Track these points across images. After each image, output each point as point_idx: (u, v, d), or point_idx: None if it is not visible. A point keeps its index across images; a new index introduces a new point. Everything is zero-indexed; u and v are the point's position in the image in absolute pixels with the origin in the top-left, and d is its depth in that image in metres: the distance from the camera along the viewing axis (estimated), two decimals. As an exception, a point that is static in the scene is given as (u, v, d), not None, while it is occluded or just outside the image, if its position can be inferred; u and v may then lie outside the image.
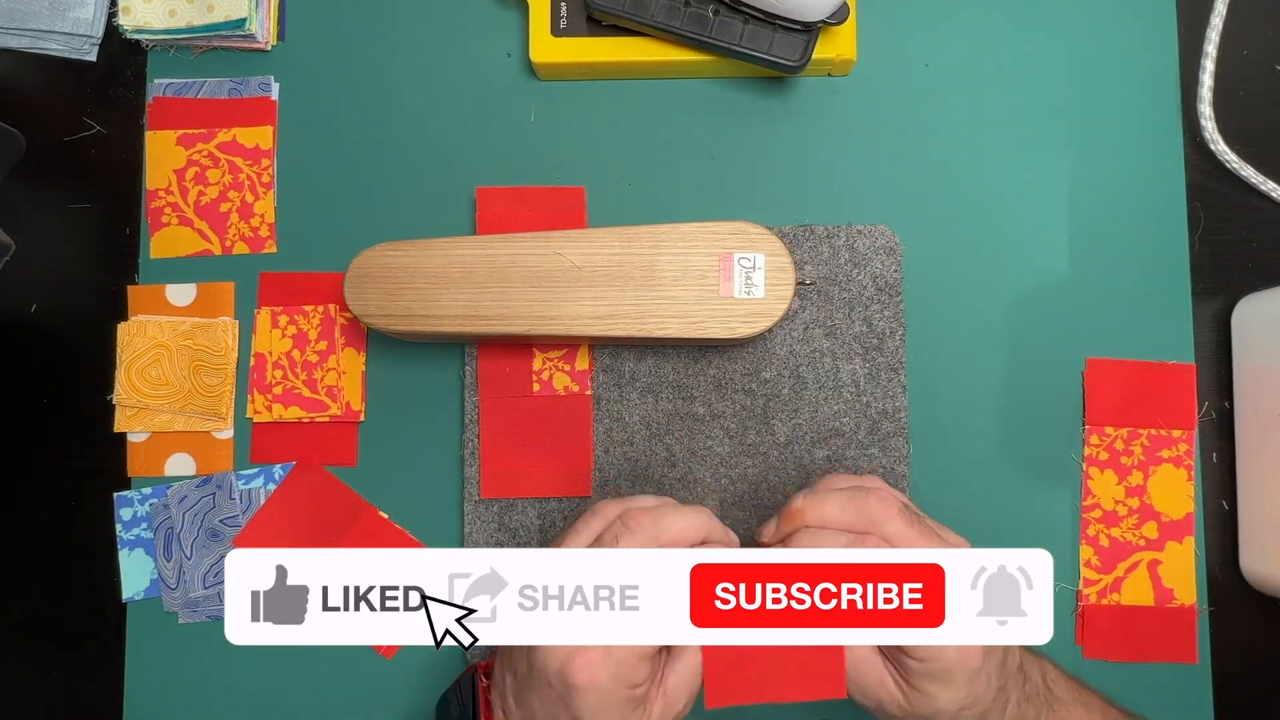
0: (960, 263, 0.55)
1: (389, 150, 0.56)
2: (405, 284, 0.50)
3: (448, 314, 0.50)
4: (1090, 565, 0.53)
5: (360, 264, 0.50)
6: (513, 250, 0.50)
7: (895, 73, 0.56)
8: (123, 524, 0.55)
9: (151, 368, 0.55)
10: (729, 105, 0.56)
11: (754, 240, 0.50)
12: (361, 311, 0.50)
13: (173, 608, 0.54)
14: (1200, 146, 0.55)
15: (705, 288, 0.49)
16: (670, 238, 0.50)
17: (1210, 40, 0.54)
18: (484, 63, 0.57)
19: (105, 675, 0.54)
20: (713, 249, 0.49)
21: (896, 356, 0.54)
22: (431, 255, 0.50)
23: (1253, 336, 0.53)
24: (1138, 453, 0.54)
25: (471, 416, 0.54)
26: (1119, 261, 0.55)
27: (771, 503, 0.53)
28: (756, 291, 0.49)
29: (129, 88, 0.57)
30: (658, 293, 0.49)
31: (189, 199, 0.56)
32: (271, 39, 0.57)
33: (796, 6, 0.50)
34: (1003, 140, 0.56)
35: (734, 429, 0.54)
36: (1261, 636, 0.54)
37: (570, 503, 0.54)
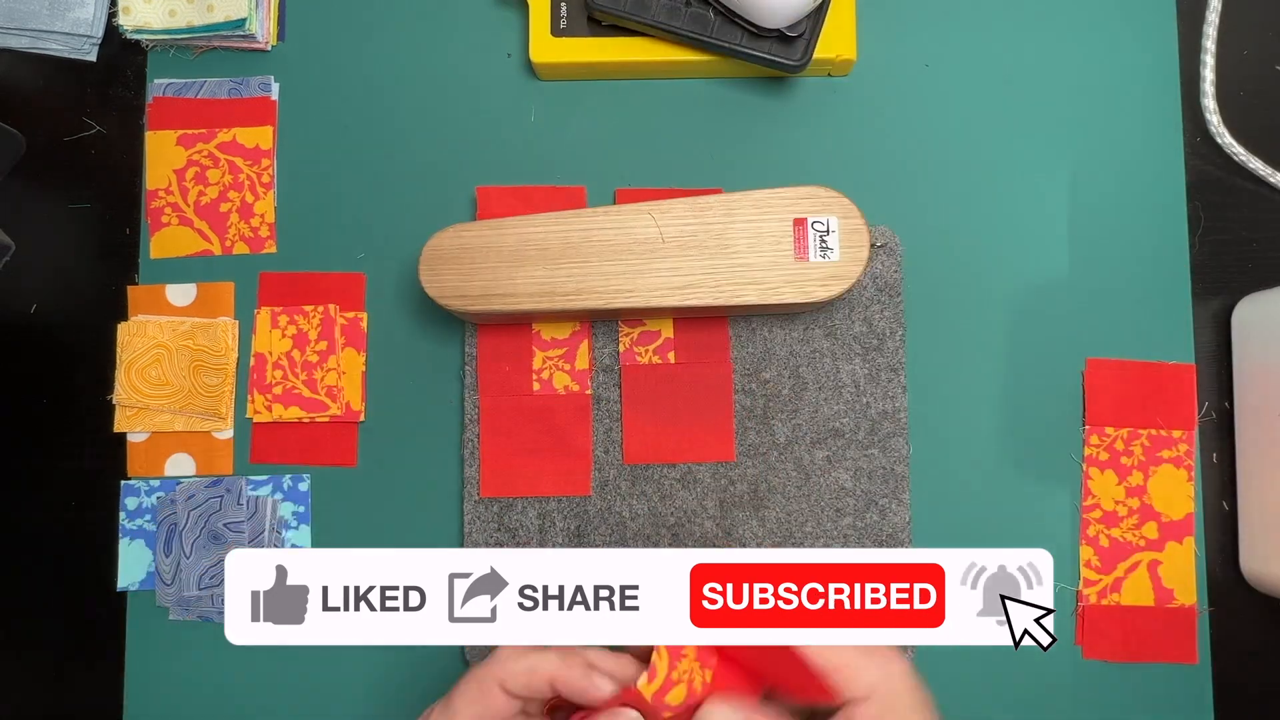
0: (960, 263, 0.55)
1: (389, 150, 0.56)
2: (480, 264, 0.50)
3: (525, 292, 0.50)
4: (1090, 565, 0.53)
5: (434, 246, 0.50)
6: (585, 225, 0.50)
7: (895, 73, 0.56)
8: (126, 513, 0.55)
9: (151, 368, 0.55)
10: (729, 105, 0.56)
11: (827, 204, 0.49)
12: (438, 294, 0.50)
13: (165, 603, 0.54)
14: (1205, 142, 0.55)
15: (780, 253, 0.49)
16: (742, 205, 0.49)
17: (1209, 36, 0.54)
18: (484, 63, 0.57)
19: (105, 675, 0.54)
20: (785, 214, 0.49)
21: (896, 356, 0.54)
22: (504, 234, 0.50)
23: (1253, 336, 0.53)
24: (1138, 453, 0.54)
25: (471, 416, 0.54)
26: (1119, 261, 0.55)
27: (771, 503, 0.53)
28: (832, 255, 0.49)
29: (129, 88, 0.57)
30: (732, 260, 0.49)
31: (189, 199, 0.56)
32: (271, 39, 0.57)
33: (756, 11, 0.50)
34: (1003, 140, 0.56)
35: (733, 429, 0.54)
36: (1261, 636, 0.54)
37: (570, 502, 0.54)
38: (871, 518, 0.53)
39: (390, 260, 0.56)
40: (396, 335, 0.56)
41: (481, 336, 0.54)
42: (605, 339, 0.55)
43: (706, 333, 0.54)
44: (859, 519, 0.53)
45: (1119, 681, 0.52)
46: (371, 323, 0.56)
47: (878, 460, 0.53)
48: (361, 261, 0.56)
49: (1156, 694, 0.53)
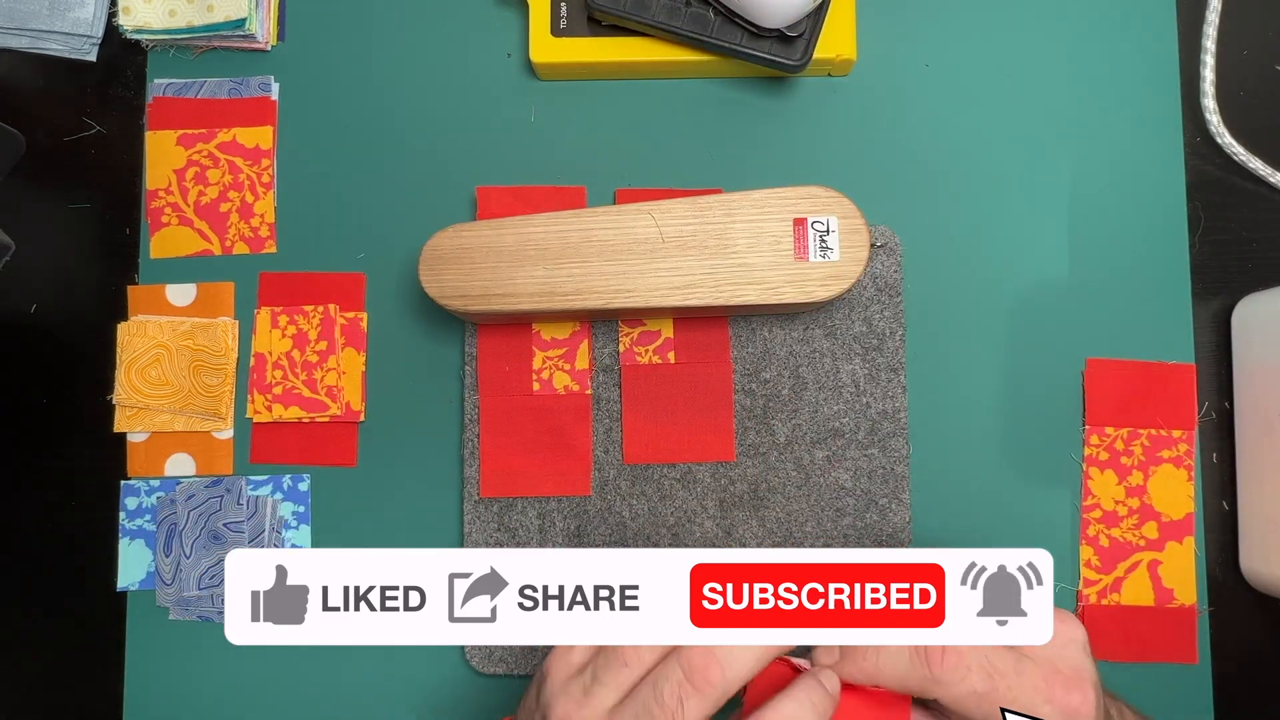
0: (960, 263, 0.55)
1: (389, 150, 0.56)
2: (480, 264, 0.50)
3: (525, 292, 0.50)
4: (1090, 565, 0.53)
5: (434, 246, 0.50)
6: (585, 225, 0.50)
7: (895, 73, 0.56)
8: (126, 513, 0.55)
9: (151, 368, 0.55)
10: (729, 105, 0.56)
11: (826, 204, 0.49)
12: (438, 294, 0.50)
13: (165, 603, 0.54)
14: (1205, 142, 0.55)
15: (779, 253, 0.49)
16: (742, 205, 0.49)
17: (1209, 36, 0.54)
18: (484, 63, 0.57)
19: (105, 675, 0.54)
20: (785, 214, 0.49)
21: (896, 356, 0.54)
22: (504, 234, 0.50)
23: (1253, 336, 0.53)
24: (1138, 453, 0.54)
25: (471, 416, 0.54)
26: (1119, 261, 0.55)
27: (771, 503, 0.53)
28: (832, 255, 0.49)
29: (129, 88, 0.57)
30: (732, 260, 0.49)
31: (189, 199, 0.56)
32: (271, 39, 0.57)
33: (756, 11, 0.50)
34: (1003, 140, 0.56)
35: (734, 429, 0.54)
36: (1261, 636, 0.54)
37: (570, 502, 0.54)
38: (871, 518, 0.53)
39: (390, 260, 0.56)
40: (396, 335, 0.56)
41: (481, 336, 0.54)
42: (605, 339, 0.55)
43: (706, 333, 0.54)
44: (859, 519, 0.53)
45: (1119, 681, 0.52)
46: (371, 323, 0.56)
47: (878, 460, 0.53)
48: (361, 261, 0.56)
49: (1156, 694, 0.53)
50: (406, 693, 0.54)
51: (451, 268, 0.50)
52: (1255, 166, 0.54)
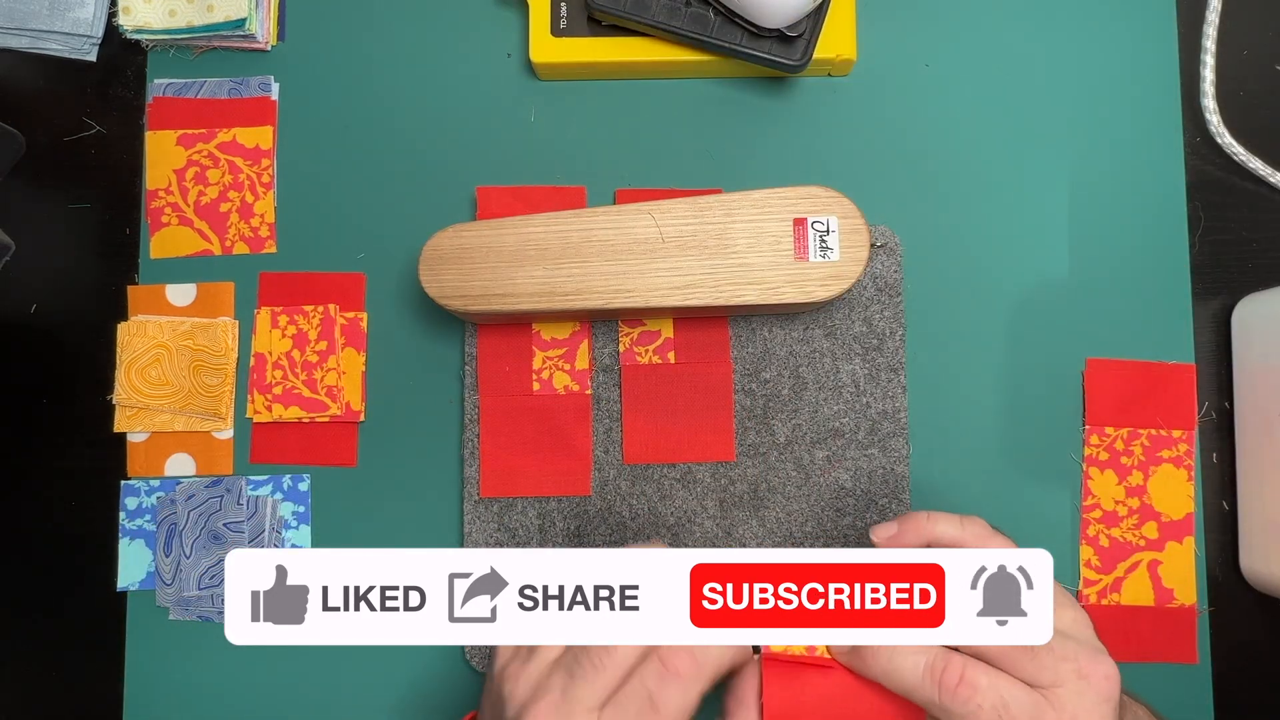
0: (960, 263, 0.55)
1: (389, 150, 0.56)
2: (480, 264, 0.50)
3: (525, 292, 0.50)
4: (1090, 565, 0.53)
5: (434, 246, 0.50)
6: (585, 225, 0.50)
7: (895, 73, 0.56)
8: (126, 513, 0.55)
9: (151, 368, 0.55)
10: (729, 105, 0.56)
11: (826, 204, 0.49)
12: (438, 294, 0.50)
13: (165, 603, 0.54)
14: (1205, 142, 0.55)
15: (779, 253, 0.49)
16: (742, 205, 0.49)
17: (1209, 36, 0.54)
18: (484, 63, 0.57)
19: (105, 675, 0.54)
20: (785, 214, 0.49)
21: (896, 356, 0.54)
22: (504, 234, 0.50)
23: (1253, 336, 0.53)
24: (1138, 453, 0.54)
25: (471, 416, 0.54)
26: (1119, 261, 0.55)
27: (771, 503, 0.53)
28: (831, 255, 0.49)
29: (129, 88, 0.57)
30: (732, 260, 0.49)
31: (189, 199, 0.56)
32: (271, 39, 0.57)
33: (756, 11, 0.50)
34: (1002, 140, 0.56)
35: (734, 429, 0.54)
36: (1261, 636, 0.54)
37: (570, 502, 0.54)
38: (871, 518, 0.53)
39: (390, 260, 0.56)
40: (396, 335, 0.56)
41: (481, 336, 0.54)
42: (605, 339, 0.55)
43: (706, 333, 0.54)
44: (859, 519, 0.53)
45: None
46: (371, 323, 0.56)
47: (878, 460, 0.54)
48: (361, 261, 0.56)
49: (1156, 694, 0.52)
50: (407, 693, 0.54)
51: (451, 268, 0.50)
52: (1255, 166, 0.54)
